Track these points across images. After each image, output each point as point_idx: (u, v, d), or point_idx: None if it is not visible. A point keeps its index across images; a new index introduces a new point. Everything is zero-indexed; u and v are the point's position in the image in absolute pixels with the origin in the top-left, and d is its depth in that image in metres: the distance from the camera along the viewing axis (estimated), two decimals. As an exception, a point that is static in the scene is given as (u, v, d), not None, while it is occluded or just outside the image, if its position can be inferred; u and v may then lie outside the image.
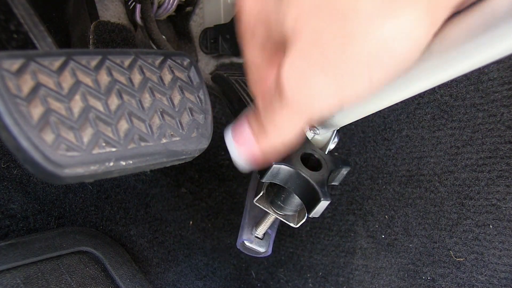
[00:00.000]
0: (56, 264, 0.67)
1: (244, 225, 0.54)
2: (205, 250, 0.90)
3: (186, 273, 0.86)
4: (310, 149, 0.44)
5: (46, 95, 0.36)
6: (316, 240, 0.89)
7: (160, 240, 0.86)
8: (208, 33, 0.87)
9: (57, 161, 0.34)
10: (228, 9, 0.86)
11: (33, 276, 0.64)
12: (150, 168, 0.43)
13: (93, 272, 0.70)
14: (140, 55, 0.44)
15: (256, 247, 0.53)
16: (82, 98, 0.38)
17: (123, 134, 0.39)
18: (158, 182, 0.89)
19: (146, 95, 0.43)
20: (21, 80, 0.35)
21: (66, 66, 0.38)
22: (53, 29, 0.57)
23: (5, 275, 0.62)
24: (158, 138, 0.42)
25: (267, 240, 0.54)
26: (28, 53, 0.36)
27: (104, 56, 0.41)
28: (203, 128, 0.46)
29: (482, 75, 0.67)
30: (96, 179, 0.39)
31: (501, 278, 0.67)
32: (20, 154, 0.34)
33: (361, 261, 0.84)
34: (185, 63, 0.47)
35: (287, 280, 0.91)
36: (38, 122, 0.34)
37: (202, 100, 0.47)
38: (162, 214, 0.87)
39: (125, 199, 0.84)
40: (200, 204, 0.93)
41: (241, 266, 0.92)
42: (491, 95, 0.67)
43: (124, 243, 0.81)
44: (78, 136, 0.36)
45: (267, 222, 0.52)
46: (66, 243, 0.70)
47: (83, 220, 0.78)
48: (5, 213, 0.71)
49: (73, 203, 0.78)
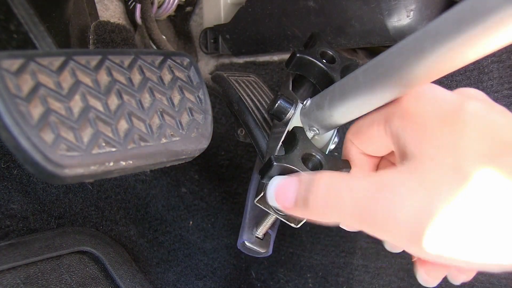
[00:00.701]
0: (56, 264, 0.67)
1: (244, 225, 0.53)
2: (205, 250, 0.90)
3: (186, 273, 0.86)
4: (311, 149, 0.44)
5: (46, 95, 0.36)
6: (316, 240, 0.89)
7: (160, 240, 0.86)
8: (208, 33, 0.87)
9: (57, 161, 0.34)
10: (228, 9, 0.86)
11: (33, 276, 0.64)
12: (150, 168, 0.43)
13: (93, 272, 0.70)
14: (140, 55, 0.44)
15: (257, 248, 0.53)
16: (82, 98, 0.38)
17: (123, 134, 0.39)
18: (158, 182, 0.88)
19: (146, 95, 0.43)
20: (21, 80, 0.35)
21: (66, 66, 0.38)
22: (53, 29, 0.57)
23: (5, 275, 0.62)
24: (158, 138, 0.42)
25: (268, 240, 0.54)
26: (28, 53, 0.36)
27: (104, 56, 0.41)
28: (203, 128, 0.46)
29: (482, 75, 0.67)
30: (96, 179, 0.39)
31: (501, 278, 0.67)
32: (20, 154, 0.34)
33: (361, 261, 0.84)
34: (185, 63, 0.47)
35: (287, 280, 0.91)
36: (38, 122, 0.34)
37: (202, 100, 0.47)
38: (162, 214, 0.87)
39: (125, 199, 0.84)
40: (200, 204, 0.93)
41: (241, 266, 0.92)
42: (491, 95, 0.67)
43: (124, 243, 0.81)
44: (78, 136, 0.36)
45: (267, 222, 0.52)
46: (66, 243, 0.70)
47: (83, 220, 0.78)
48: (5, 213, 0.71)
49: (73, 203, 0.78)
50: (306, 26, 0.74)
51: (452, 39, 0.28)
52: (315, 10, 0.71)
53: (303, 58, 0.49)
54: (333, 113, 0.42)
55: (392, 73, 0.33)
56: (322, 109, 0.43)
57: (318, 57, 0.50)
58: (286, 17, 0.75)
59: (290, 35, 0.76)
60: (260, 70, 0.85)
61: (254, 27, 0.80)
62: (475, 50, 0.28)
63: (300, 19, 0.74)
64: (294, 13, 0.74)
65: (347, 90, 0.39)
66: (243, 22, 0.81)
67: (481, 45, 0.28)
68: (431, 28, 0.29)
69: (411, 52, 0.31)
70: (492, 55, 0.67)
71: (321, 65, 0.49)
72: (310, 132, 0.46)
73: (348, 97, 0.39)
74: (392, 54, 0.33)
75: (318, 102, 0.44)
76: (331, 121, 0.43)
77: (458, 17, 0.27)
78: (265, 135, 0.52)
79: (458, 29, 0.27)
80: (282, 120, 0.47)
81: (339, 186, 0.34)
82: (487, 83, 0.67)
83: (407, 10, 0.65)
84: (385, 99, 0.36)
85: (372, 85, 0.36)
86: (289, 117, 0.47)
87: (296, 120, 0.47)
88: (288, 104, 0.46)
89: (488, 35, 0.26)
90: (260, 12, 0.77)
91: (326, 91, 0.43)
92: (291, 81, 0.52)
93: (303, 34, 0.75)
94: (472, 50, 0.28)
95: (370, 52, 0.79)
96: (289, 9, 0.74)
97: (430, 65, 0.31)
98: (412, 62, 0.31)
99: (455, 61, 0.30)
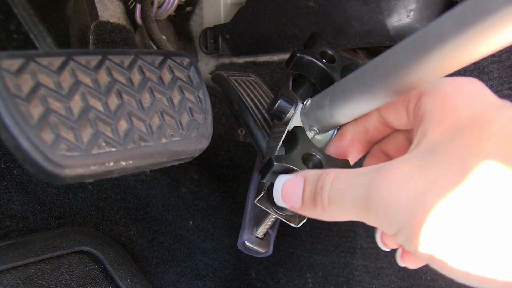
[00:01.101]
0: (56, 264, 0.67)
1: (244, 225, 0.53)
2: (205, 250, 0.90)
3: (186, 273, 0.86)
4: (311, 149, 0.44)
5: (46, 95, 0.36)
6: (316, 240, 0.89)
7: (160, 240, 0.86)
8: (208, 33, 0.87)
9: (57, 161, 0.34)
10: (228, 9, 0.86)
11: (33, 276, 0.64)
12: (150, 168, 0.43)
13: (93, 272, 0.70)
14: (140, 55, 0.44)
15: (257, 248, 0.53)
16: (82, 98, 0.38)
17: (123, 134, 0.39)
18: (158, 182, 0.88)
19: (146, 95, 0.42)
20: (21, 80, 0.35)
21: (66, 66, 0.38)
22: (53, 29, 0.57)
23: (5, 275, 0.62)
24: (158, 138, 0.42)
25: (268, 240, 0.54)
26: (28, 53, 0.36)
27: (104, 56, 0.41)
28: (203, 128, 0.46)
29: (482, 75, 0.67)
30: (96, 179, 0.39)
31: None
32: (20, 154, 0.34)
33: (361, 261, 0.84)
34: (185, 63, 0.47)
35: (287, 280, 0.91)
36: (38, 122, 0.34)
37: (202, 100, 0.47)
38: (162, 214, 0.87)
39: (125, 199, 0.84)
40: (200, 204, 0.93)
41: (241, 266, 0.92)
42: (491, 95, 0.67)
43: (124, 243, 0.81)
44: (78, 136, 0.36)
45: (268, 222, 0.52)
46: (66, 243, 0.70)
47: (83, 220, 0.78)
48: (5, 213, 0.71)
49: (73, 203, 0.78)
50: (306, 26, 0.74)
51: (454, 38, 0.28)
52: (315, 10, 0.71)
53: (303, 58, 0.49)
54: (334, 113, 0.42)
55: (393, 72, 0.33)
56: (323, 108, 0.43)
57: (318, 57, 0.50)
58: (286, 17, 0.75)
59: (290, 35, 0.76)
60: (260, 70, 0.85)
61: (254, 27, 0.80)
62: (477, 50, 0.28)
63: (300, 19, 0.74)
64: (294, 13, 0.74)
65: (348, 90, 0.39)
66: (243, 22, 0.81)
67: (482, 45, 0.28)
68: (433, 28, 0.29)
69: (412, 52, 0.31)
70: (492, 55, 0.67)
71: (321, 65, 0.49)
72: (311, 132, 0.46)
73: (348, 97, 0.39)
74: (393, 54, 0.33)
75: (318, 101, 0.44)
76: (332, 120, 0.43)
77: (460, 16, 0.27)
78: (265, 135, 0.52)
79: (460, 28, 0.27)
80: (282, 120, 0.47)
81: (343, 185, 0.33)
82: (487, 83, 0.67)
83: (407, 10, 0.65)
84: (386, 99, 0.36)
85: (373, 85, 0.36)
86: (289, 117, 0.47)
87: (296, 120, 0.47)
88: (288, 104, 0.46)
89: (490, 35, 0.26)
90: (260, 12, 0.77)
91: (326, 91, 0.43)
92: (291, 81, 0.52)
93: (303, 34, 0.75)
94: (474, 49, 0.28)
95: (370, 52, 0.79)
96: (289, 9, 0.74)
97: (431, 65, 0.31)
98: (413, 62, 0.31)
99: (457, 61, 0.30)
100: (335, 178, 0.34)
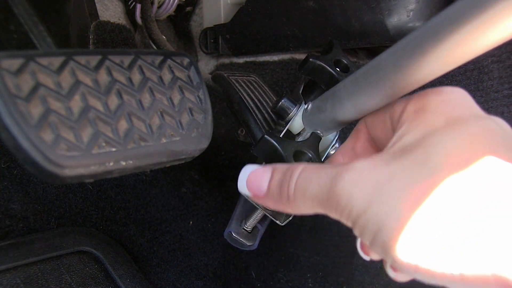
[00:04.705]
0: (56, 264, 0.67)
1: (234, 217, 0.55)
2: (205, 250, 0.90)
3: (186, 273, 0.86)
4: (304, 147, 0.44)
5: (46, 95, 0.36)
6: (316, 240, 0.89)
7: (160, 240, 0.86)
8: (208, 33, 0.87)
9: (57, 161, 0.34)
10: (228, 9, 0.86)
11: (33, 276, 0.64)
12: (150, 168, 0.43)
13: (93, 272, 0.70)
14: (140, 55, 0.44)
15: (243, 239, 0.54)
16: (82, 98, 0.38)
17: (123, 134, 0.39)
18: (158, 182, 0.89)
19: (146, 95, 0.42)
20: (21, 80, 0.35)
21: (65, 66, 0.38)
22: (53, 29, 0.57)
23: (5, 275, 0.62)
24: (158, 138, 0.42)
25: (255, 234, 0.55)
26: (28, 53, 0.36)
27: (104, 56, 0.41)
28: (203, 128, 0.46)
29: (482, 74, 0.67)
30: (96, 179, 0.38)
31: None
32: (20, 154, 0.34)
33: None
34: (185, 63, 0.47)
35: (287, 280, 0.91)
36: (38, 122, 0.34)
37: (202, 100, 0.47)
38: (162, 214, 0.87)
39: (125, 199, 0.84)
40: (200, 204, 0.93)
41: (241, 266, 0.92)
42: (491, 94, 0.67)
43: (124, 243, 0.81)
44: (78, 136, 0.36)
45: (256, 217, 0.53)
46: (66, 243, 0.70)
47: (83, 220, 0.78)
48: (5, 213, 0.71)
49: (73, 203, 0.78)
50: (306, 26, 0.74)
51: (452, 34, 0.28)
52: (315, 10, 0.71)
53: (315, 63, 0.49)
54: (334, 115, 0.42)
55: (393, 73, 0.33)
56: (324, 111, 0.43)
57: (331, 64, 0.49)
58: (286, 17, 0.75)
59: (290, 35, 0.76)
60: (260, 70, 0.85)
61: (254, 27, 0.80)
62: (476, 45, 0.28)
63: (300, 19, 0.74)
64: (294, 13, 0.74)
65: (348, 92, 0.39)
66: (243, 22, 0.81)
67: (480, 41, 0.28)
68: (430, 26, 0.29)
69: (411, 51, 0.31)
70: (492, 55, 0.67)
71: (332, 72, 0.49)
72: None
73: (349, 99, 0.39)
74: (391, 54, 0.33)
75: (319, 104, 0.44)
76: (333, 122, 0.43)
77: (458, 11, 0.27)
78: None
79: (458, 24, 0.27)
80: (285, 119, 0.48)
81: (310, 175, 0.34)
82: (487, 83, 0.67)
83: (407, 10, 0.65)
84: (386, 99, 0.36)
85: (373, 86, 0.36)
86: (291, 117, 0.48)
87: (298, 120, 0.47)
88: (291, 104, 0.48)
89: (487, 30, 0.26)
90: (260, 12, 0.77)
91: (327, 93, 0.43)
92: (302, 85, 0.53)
93: (303, 34, 0.75)
94: (473, 45, 0.28)
95: (370, 52, 0.79)
96: (289, 9, 0.74)
97: (430, 64, 0.31)
98: (412, 62, 0.31)
99: (457, 57, 0.30)
100: (303, 169, 0.34)
